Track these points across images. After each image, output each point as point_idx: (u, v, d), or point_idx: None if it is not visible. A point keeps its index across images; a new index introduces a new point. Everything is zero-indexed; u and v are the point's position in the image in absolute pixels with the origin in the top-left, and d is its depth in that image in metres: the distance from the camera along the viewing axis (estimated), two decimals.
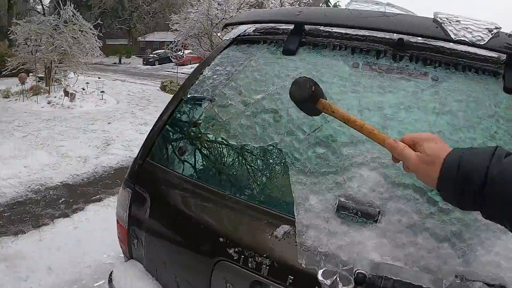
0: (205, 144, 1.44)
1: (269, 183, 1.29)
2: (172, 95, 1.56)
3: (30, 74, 11.83)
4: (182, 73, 18.61)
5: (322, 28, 1.39)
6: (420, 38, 1.29)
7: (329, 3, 49.55)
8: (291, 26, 1.40)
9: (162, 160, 1.50)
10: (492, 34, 1.22)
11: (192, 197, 1.34)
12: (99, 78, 15.09)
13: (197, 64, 1.64)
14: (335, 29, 1.37)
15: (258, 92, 1.34)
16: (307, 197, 1.15)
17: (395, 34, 1.30)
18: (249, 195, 1.27)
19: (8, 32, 12.20)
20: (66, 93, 10.96)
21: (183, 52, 17.48)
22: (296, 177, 1.18)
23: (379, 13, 1.31)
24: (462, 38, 1.20)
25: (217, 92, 1.42)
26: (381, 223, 1.07)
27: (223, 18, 13.04)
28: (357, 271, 1.03)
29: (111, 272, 1.56)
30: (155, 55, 34.40)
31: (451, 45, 1.28)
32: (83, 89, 12.13)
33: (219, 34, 13.47)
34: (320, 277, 1.04)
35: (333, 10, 1.35)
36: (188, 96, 1.48)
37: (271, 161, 1.30)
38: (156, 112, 10.76)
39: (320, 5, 43.21)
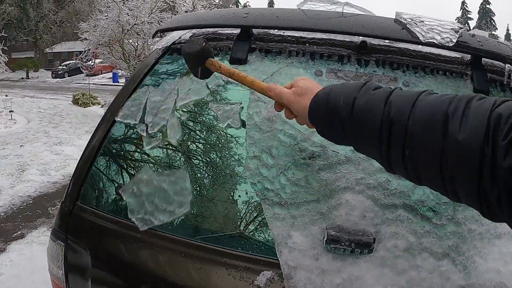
0: (151, 178, 1.15)
1: (239, 221, 1.07)
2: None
3: None
4: (94, 84, 17.41)
5: (272, 31, 1.19)
6: (384, 40, 1.16)
7: (239, 4, 49.97)
8: (237, 31, 1.19)
9: (97, 203, 1.19)
10: (458, 34, 1.13)
11: (142, 247, 1.06)
12: (6, 96, 13.51)
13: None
14: (287, 33, 1.18)
15: (206, 112, 1.10)
16: (288, 234, 0.98)
17: (355, 37, 1.15)
18: (217, 238, 1.03)
19: None
20: None
21: (94, 62, 16.37)
22: (272, 211, 0.99)
23: (338, 14, 1.15)
24: (431, 40, 1.10)
25: (155, 115, 1.15)
26: (378, 252, 0.96)
27: (135, 24, 12.40)
28: None
29: None
30: (64, 67, 32.46)
31: (415, 46, 1.17)
32: None
33: (130, 41, 12.80)
34: None
35: (286, 11, 1.17)
36: (120, 118, 1.19)
37: (236, 194, 1.07)
38: (71, 129, 9.87)
39: (230, 6, 43.30)
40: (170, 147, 1.14)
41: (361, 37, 1.15)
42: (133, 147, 1.23)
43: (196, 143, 1.16)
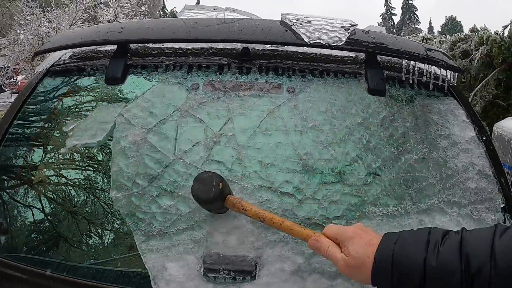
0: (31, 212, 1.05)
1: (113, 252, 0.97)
2: None
3: None
4: None
5: (151, 45, 1.10)
6: (267, 45, 1.08)
7: (166, 10, 49.38)
8: (114, 47, 1.10)
9: None
10: (349, 32, 1.06)
11: None
12: None
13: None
14: (167, 45, 1.10)
15: (75, 138, 1.00)
16: (163, 265, 0.89)
17: (238, 44, 1.07)
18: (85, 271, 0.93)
19: None
20: None
21: (16, 79, 15.55)
22: (145, 244, 0.89)
23: (218, 20, 1.06)
24: (317, 41, 1.01)
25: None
26: (261, 278, 0.88)
27: None
28: None
29: None
30: None
31: (304, 49, 1.09)
32: None
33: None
34: None
35: (163, 22, 1.09)
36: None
37: (107, 227, 0.98)
38: None
39: (157, 13, 42.21)
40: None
41: (243, 44, 1.06)
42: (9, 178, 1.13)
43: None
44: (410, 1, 50.32)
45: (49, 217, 1.01)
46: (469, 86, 6.15)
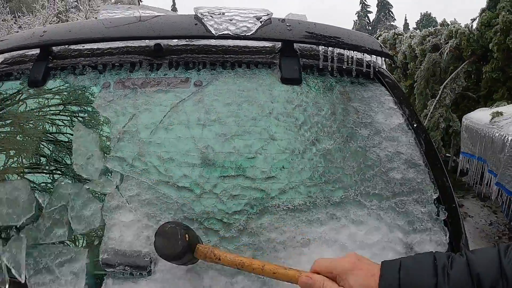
0: None
1: None
2: None
3: None
4: None
5: (73, 47, 1.13)
6: (181, 40, 1.07)
7: None
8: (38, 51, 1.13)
9: None
10: (261, 22, 1.03)
11: None
12: None
13: None
14: (86, 46, 1.12)
15: None
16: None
17: (152, 41, 1.07)
18: None
19: None
20: None
21: None
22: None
23: (134, 19, 1.07)
24: (225, 32, 1.00)
25: None
26: (156, 273, 0.87)
27: None
28: None
29: None
30: None
31: (218, 41, 1.07)
32: None
33: None
34: None
35: (81, 24, 1.11)
36: None
37: None
38: None
39: None
40: None
41: (155, 41, 1.06)
42: None
43: None
44: None
45: None
46: (440, 79, 6.08)
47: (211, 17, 1.04)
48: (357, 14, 52.49)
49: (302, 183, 0.93)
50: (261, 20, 1.04)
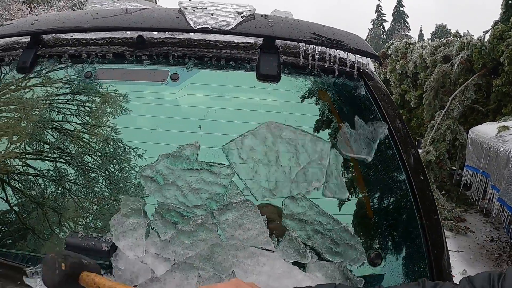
0: None
1: None
2: None
3: None
4: None
5: (62, 36, 1.16)
6: (164, 32, 1.09)
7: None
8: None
9: None
10: (242, 17, 1.05)
11: None
12: None
13: None
14: (75, 35, 1.15)
15: None
16: None
17: (135, 33, 1.10)
18: None
19: None
20: None
21: None
22: None
23: (120, 11, 1.10)
24: (204, 26, 1.01)
25: None
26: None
27: None
28: None
29: None
30: None
31: (200, 35, 1.09)
32: None
33: None
34: None
35: (70, 14, 1.14)
36: None
37: None
38: None
39: None
40: None
41: (138, 32, 1.09)
42: None
43: None
44: (401, 8, 48.82)
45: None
46: (449, 90, 6.01)
47: (193, 11, 1.06)
48: (372, 23, 52.34)
49: None
50: (242, 15, 1.06)
